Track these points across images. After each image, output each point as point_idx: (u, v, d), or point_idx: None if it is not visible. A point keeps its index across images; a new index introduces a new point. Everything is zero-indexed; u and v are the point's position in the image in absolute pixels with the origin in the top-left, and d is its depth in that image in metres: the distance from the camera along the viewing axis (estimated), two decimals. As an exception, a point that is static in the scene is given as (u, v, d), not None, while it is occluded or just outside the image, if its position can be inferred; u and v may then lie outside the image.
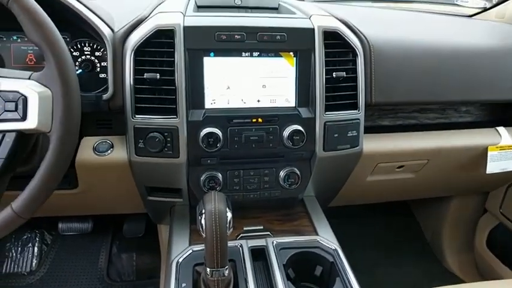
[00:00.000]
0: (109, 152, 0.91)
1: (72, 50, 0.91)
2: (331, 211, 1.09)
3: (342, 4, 1.47)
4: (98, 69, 0.91)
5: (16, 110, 0.61)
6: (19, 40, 0.94)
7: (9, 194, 0.66)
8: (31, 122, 0.61)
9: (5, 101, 0.61)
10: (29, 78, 0.63)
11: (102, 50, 0.91)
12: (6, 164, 0.62)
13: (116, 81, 0.84)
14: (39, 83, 0.62)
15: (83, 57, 0.92)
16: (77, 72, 0.88)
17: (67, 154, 0.63)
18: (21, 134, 0.62)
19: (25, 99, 0.61)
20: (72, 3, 0.82)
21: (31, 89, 0.61)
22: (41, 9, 0.61)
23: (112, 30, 0.86)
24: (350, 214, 1.59)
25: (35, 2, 0.61)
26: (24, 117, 0.61)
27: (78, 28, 0.87)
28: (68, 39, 0.91)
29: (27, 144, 0.69)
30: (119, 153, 0.91)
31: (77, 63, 0.91)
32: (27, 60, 0.95)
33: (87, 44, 0.91)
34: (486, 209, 1.53)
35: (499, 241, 1.49)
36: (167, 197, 0.99)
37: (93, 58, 0.92)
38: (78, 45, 0.91)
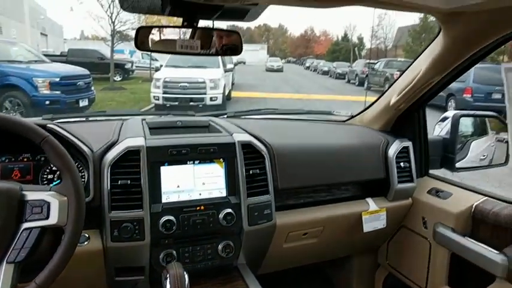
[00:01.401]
0: (86, 243, 1.20)
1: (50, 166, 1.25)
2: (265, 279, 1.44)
3: (249, 118, 2.02)
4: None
5: (41, 212, 0.92)
6: (7, 160, 1.25)
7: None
8: (52, 220, 0.92)
9: (33, 207, 0.92)
10: (49, 190, 0.95)
11: (80, 166, 1.26)
12: (30, 252, 0.91)
13: (95, 187, 1.19)
14: (58, 192, 0.95)
15: None
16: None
17: (77, 241, 0.94)
18: (43, 229, 0.93)
19: (48, 204, 0.93)
20: (63, 132, 1.18)
21: (53, 197, 0.94)
22: (60, 145, 0.97)
23: (92, 150, 1.23)
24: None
25: (56, 141, 0.97)
26: (47, 217, 0.92)
27: None
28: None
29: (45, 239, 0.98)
30: (94, 243, 1.21)
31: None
32: (13, 175, 1.25)
33: None
34: (379, 263, 2.02)
35: (391, 289, 1.96)
36: (132, 275, 1.27)
37: None
38: None
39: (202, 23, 1.19)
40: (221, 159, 1.33)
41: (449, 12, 1.14)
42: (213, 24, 1.24)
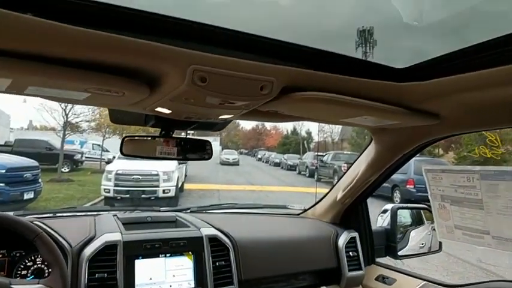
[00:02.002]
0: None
1: (27, 260, 1.31)
2: None
3: (212, 212, 2.20)
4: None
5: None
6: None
7: None
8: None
9: None
10: (38, 283, 1.03)
11: None
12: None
13: (72, 281, 1.26)
14: (48, 286, 1.03)
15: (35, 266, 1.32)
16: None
17: None
18: None
19: None
20: (47, 228, 1.28)
21: (42, 291, 1.02)
22: (51, 241, 1.08)
23: (70, 245, 1.32)
24: None
25: (47, 237, 1.08)
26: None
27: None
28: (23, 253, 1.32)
29: None
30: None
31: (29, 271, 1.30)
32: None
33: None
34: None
35: None
36: None
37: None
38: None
39: (178, 132, 1.44)
40: (190, 252, 1.46)
41: (376, 127, 1.48)
42: (187, 134, 1.49)
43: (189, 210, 2.07)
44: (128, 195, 9.35)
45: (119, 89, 0.90)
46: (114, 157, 12.19)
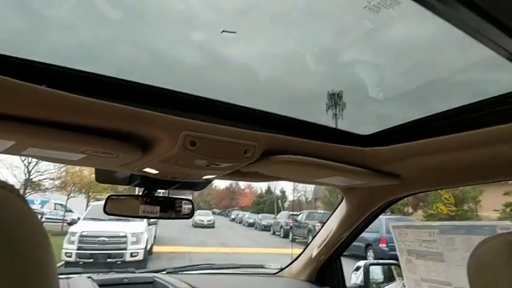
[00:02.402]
0: None
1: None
2: None
3: (189, 273, 2.21)
4: None
5: None
6: None
7: None
8: None
9: None
10: None
11: None
12: None
13: None
14: None
15: None
16: None
17: None
18: None
19: None
20: None
21: None
22: None
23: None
24: None
25: None
26: None
27: None
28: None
29: None
30: None
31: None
32: None
33: None
34: None
35: None
36: None
37: None
38: None
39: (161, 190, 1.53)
40: (170, 313, 1.48)
41: (346, 187, 1.63)
42: (169, 193, 1.58)
43: (165, 272, 2.08)
44: (91, 260, 8.87)
45: (114, 151, 1.00)
46: (78, 218, 11.70)
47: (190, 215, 1.49)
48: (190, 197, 1.62)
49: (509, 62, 0.84)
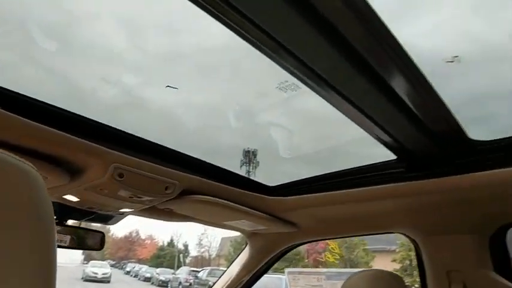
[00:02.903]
0: None
1: None
2: None
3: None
4: None
5: None
6: None
7: None
8: None
9: None
10: None
11: None
12: None
13: None
14: None
15: None
16: None
17: None
18: None
19: None
20: None
21: None
22: None
23: None
24: None
25: None
26: None
27: None
28: None
29: None
30: None
31: None
32: None
33: None
34: None
35: None
36: None
37: None
38: None
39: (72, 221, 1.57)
40: None
41: (251, 232, 1.83)
42: (80, 224, 1.62)
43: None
44: None
45: (44, 173, 1.08)
46: None
47: (100, 247, 1.53)
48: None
49: (378, 142, 1.15)
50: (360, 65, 0.79)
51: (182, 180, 1.25)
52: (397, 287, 1.17)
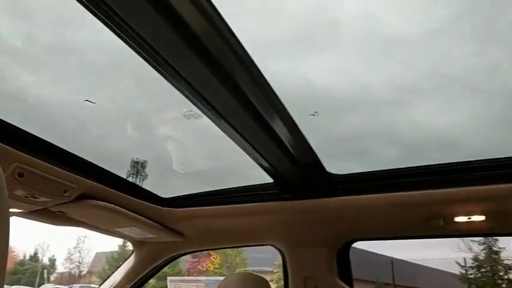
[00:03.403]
0: None
1: None
2: None
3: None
4: None
5: None
6: None
7: None
8: None
9: None
10: None
11: None
12: None
13: None
14: None
15: None
16: None
17: None
18: None
19: None
20: None
21: None
22: None
23: None
24: None
25: None
26: None
27: None
28: None
29: None
30: None
31: None
32: None
33: None
34: None
35: None
36: None
37: None
38: None
39: None
40: None
41: (138, 240, 1.93)
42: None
43: None
44: None
45: None
46: None
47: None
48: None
49: (260, 167, 1.42)
50: (246, 104, 1.04)
51: (81, 184, 1.34)
52: (263, 287, 1.43)
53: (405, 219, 1.57)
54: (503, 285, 11.09)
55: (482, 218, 1.44)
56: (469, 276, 11.75)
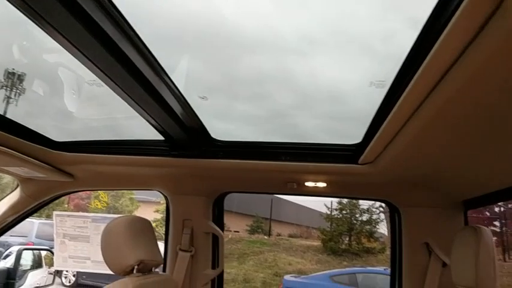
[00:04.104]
0: None
1: None
2: None
3: None
4: None
5: None
6: None
7: None
8: None
9: None
10: None
11: None
12: None
13: None
14: None
15: None
16: None
17: None
18: None
19: None
20: None
21: None
22: None
23: None
24: None
25: None
26: None
27: None
28: None
29: None
30: None
31: None
32: None
33: None
34: None
35: None
36: None
37: None
38: None
39: None
40: None
41: (25, 178, 2.02)
42: None
43: None
44: None
45: None
46: None
47: None
48: None
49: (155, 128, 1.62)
50: (139, 77, 1.18)
51: None
52: (147, 229, 1.70)
53: (268, 181, 1.97)
54: (357, 225, 13.31)
55: (324, 184, 1.91)
56: (332, 216, 13.80)
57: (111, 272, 1.58)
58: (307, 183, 1.90)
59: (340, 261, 11.96)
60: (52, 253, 2.88)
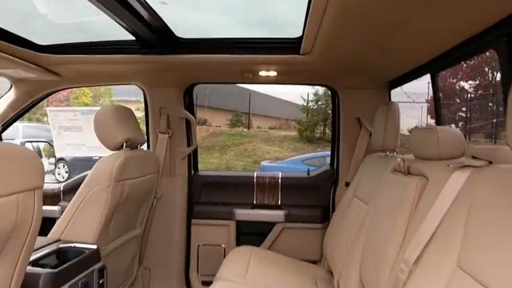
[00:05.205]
0: None
1: None
2: None
3: None
4: None
5: None
6: None
7: None
8: None
9: None
10: None
11: None
12: None
13: None
14: None
15: None
16: None
17: None
18: None
19: None
20: None
21: None
22: None
23: None
24: None
25: None
26: None
27: None
28: None
29: None
30: None
31: None
32: None
33: None
34: None
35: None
36: None
37: None
38: None
39: None
40: None
41: (18, 79, 2.33)
42: None
43: None
44: None
45: None
46: None
47: None
48: None
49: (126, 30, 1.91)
50: None
51: None
52: (130, 115, 2.10)
53: (228, 72, 2.35)
54: (330, 113, 14.11)
55: (275, 73, 2.30)
56: (309, 107, 14.48)
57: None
58: (260, 73, 2.29)
59: (314, 148, 12.98)
60: (51, 145, 3.32)
